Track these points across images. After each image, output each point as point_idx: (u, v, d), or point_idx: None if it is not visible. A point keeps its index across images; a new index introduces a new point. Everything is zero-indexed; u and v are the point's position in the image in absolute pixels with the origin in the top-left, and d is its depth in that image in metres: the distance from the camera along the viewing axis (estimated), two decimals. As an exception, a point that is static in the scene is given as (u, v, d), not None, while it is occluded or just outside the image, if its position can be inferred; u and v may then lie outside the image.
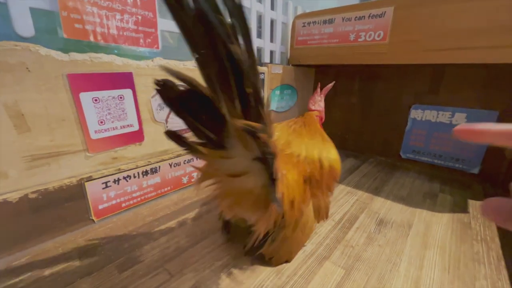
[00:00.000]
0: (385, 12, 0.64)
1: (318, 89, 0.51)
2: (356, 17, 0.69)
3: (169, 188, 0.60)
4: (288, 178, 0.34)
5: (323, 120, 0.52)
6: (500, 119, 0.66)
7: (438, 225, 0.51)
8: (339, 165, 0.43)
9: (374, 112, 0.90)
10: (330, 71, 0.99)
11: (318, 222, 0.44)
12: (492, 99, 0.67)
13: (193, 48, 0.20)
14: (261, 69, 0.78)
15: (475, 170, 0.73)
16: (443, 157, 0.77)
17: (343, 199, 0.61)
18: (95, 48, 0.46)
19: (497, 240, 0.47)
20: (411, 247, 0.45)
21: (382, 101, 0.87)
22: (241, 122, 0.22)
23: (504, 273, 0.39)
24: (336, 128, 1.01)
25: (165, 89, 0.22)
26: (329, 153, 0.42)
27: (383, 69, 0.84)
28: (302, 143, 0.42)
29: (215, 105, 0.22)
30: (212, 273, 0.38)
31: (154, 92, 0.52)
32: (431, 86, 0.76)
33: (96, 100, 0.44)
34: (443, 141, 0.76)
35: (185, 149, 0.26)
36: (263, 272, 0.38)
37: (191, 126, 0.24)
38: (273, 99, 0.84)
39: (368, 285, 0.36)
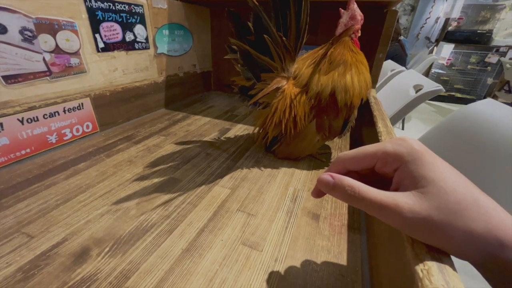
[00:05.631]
0: None
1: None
2: None
3: (28, 150, 0.48)
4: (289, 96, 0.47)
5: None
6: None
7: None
8: (346, 97, 0.44)
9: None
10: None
11: (324, 138, 0.51)
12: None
13: None
14: (138, 0, 0.65)
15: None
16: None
17: (239, 135, 0.65)
18: None
19: (348, 147, 0.62)
20: (287, 163, 0.53)
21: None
22: None
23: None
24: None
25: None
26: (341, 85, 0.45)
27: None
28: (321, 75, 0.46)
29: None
30: (89, 223, 0.35)
31: None
32: (311, 28, 0.83)
33: None
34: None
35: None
36: (149, 210, 0.38)
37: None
38: (161, 41, 0.75)
39: (249, 195, 0.42)
